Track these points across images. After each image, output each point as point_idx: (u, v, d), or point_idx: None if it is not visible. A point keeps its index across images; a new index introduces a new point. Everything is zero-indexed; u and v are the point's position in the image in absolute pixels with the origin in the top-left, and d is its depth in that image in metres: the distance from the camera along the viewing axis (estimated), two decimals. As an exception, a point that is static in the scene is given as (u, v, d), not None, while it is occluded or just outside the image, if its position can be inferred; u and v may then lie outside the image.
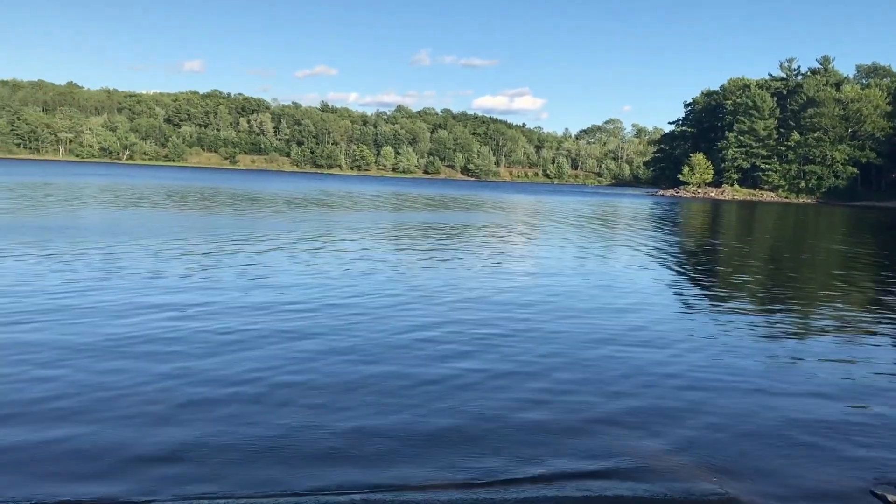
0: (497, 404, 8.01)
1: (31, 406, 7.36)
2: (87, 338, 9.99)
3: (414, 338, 10.82)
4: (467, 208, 54.18)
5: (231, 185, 76.79)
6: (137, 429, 6.88)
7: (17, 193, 44.11)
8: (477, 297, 14.64)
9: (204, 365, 9.00)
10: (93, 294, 13.02)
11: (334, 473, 6.14)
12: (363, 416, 7.44)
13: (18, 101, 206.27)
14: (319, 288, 14.82)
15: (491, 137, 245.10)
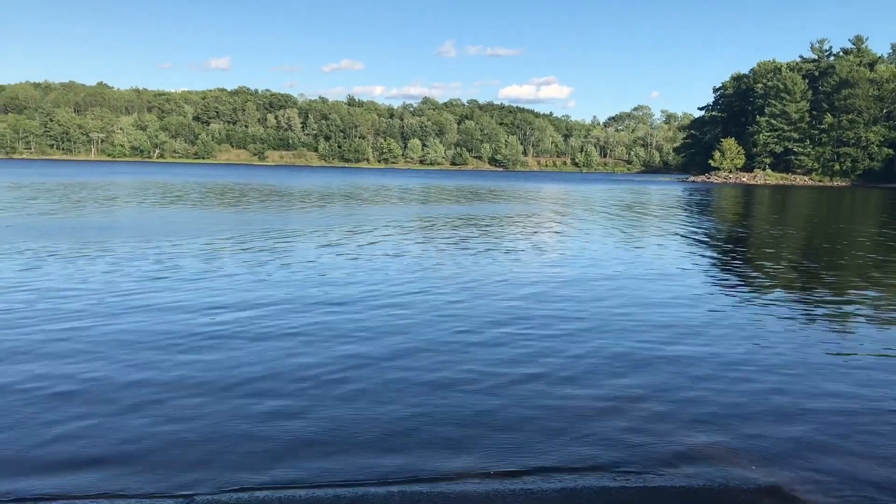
0: (545, 399, 7.96)
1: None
2: (165, 335, 10.12)
3: (467, 332, 10.70)
4: (497, 199, 54.04)
5: (264, 181, 77.34)
6: (191, 419, 6.96)
7: (58, 195, 44.80)
8: (517, 291, 14.43)
9: (258, 357, 9.09)
10: (162, 293, 13.20)
11: (374, 464, 6.15)
12: (411, 409, 7.44)
13: (50, 102, 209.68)
14: (371, 283, 14.78)
15: (518, 127, 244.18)
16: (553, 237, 25.56)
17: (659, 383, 8.41)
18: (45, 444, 6.41)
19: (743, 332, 11.07)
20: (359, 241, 22.42)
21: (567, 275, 16.47)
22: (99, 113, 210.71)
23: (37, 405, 7.32)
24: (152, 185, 62.52)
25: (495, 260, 18.68)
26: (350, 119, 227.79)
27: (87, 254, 18.07)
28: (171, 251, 18.82)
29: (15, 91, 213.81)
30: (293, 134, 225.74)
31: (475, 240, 23.58)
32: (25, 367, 8.56)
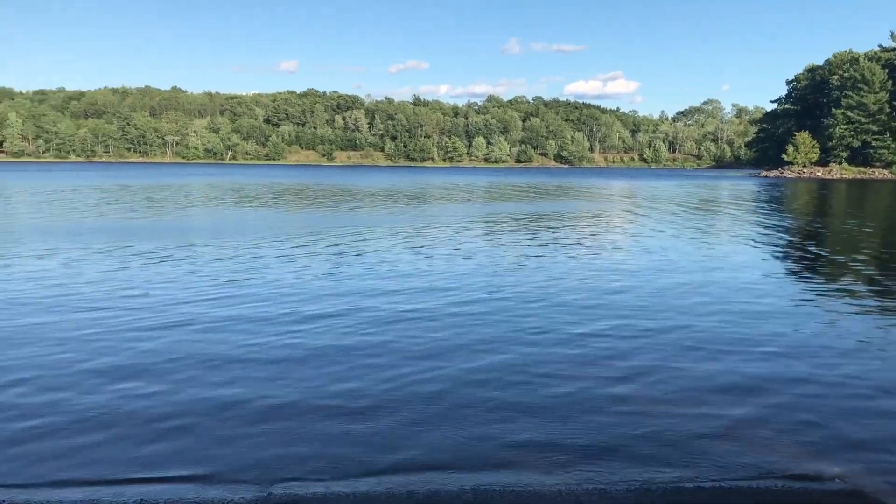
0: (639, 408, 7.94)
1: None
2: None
3: (545, 334, 10.65)
4: (564, 196, 53.63)
5: (334, 182, 78.43)
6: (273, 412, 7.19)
7: (141, 196, 46.32)
8: (595, 293, 14.24)
9: (339, 357, 9.30)
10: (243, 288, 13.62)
11: (448, 463, 6.24)
12: (487, 411, 7.50)
13: (127, 107, 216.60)
14: (446, 283, 14.87)
15: (584, 123, 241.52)
16: (626, 235, 25.14)
17: (775, 404, 7.65)
18: (131, 435, 6.70)
19: (850, 346, 10.10)
20: (430, 241, 22.55)
21: (643, 274, 16.06)
22: (173, 116, 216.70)
23: (130, 399, 7.67)
24: (228, 186, 64.07)
25: (568, 259, 18.44)
26: (415, 119, 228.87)
27: (183, 254, 18.70)
28: (252, 251, 19.30)
29: (94, 97, 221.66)
30: (360, 134, 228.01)
31: (544, 238, 23.46)
32: (111, 359, 8.97)
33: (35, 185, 60.91)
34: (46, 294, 13.15)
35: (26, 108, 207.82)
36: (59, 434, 6.71)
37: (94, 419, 7.08)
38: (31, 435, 6.69)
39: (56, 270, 15.82)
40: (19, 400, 7.60)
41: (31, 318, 11.21)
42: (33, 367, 8.73)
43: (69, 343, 9.78)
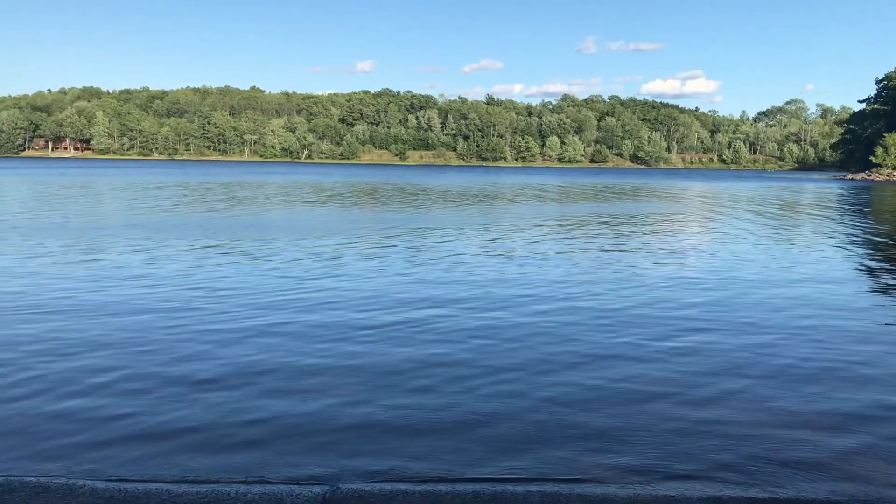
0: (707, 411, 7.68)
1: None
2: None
3: (633, 341, 10.47)
4: (641, 197, 52.73)
5: (410, 181, 79.02)
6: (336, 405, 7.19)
7: (224, 194, 47.54)
8: (671, 301, 13.90)
9: (411, 353, 9.31)
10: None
11: (513, 462, 6.11)
12: (556, 413, 7.36)
13: (208, 106, 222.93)
14: (525, 285, 14.85)
15: (661, 123, 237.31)
16: (708, 241, 24.08)
17: (878, 433, 6.97)
18: (205, 426, 6.78)
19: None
20: (505, 244, 22.43)
21: (728, 285, 15.14)
22: (252, 116, 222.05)
23: (206, 390, 7.78)
24: (307, 185, 65.22)
25: (648, 266, 17.73)
26: (488, 118, 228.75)
27: (264, 253, 19.08)
28: (331, 252, 19.56)
29: (177, 96, 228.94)
30: (433, 134, 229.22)
31: (622, 242, 22.99)
32: (190, 360, 9.13)
33: (126, 182, 63.21)
34: (140, 292, 13.54)
35: (112, 107, 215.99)
36: (138, 434, 6.84)
37: (171, 418, 7.19)
38: (114, 433, 6.83)
39: (157, 266, 16.30)
40: (99, 401, 7.77)
41: (111, 319, 11.53)
42: (114, 366, 8.94)
43: (152, 343, 10.01)
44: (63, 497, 5.28)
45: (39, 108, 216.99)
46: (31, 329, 10.24)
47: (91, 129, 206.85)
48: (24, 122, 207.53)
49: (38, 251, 18.18)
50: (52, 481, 5.56)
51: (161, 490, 5.44)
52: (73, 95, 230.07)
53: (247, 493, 5.40)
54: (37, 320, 10.76)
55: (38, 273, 14.96)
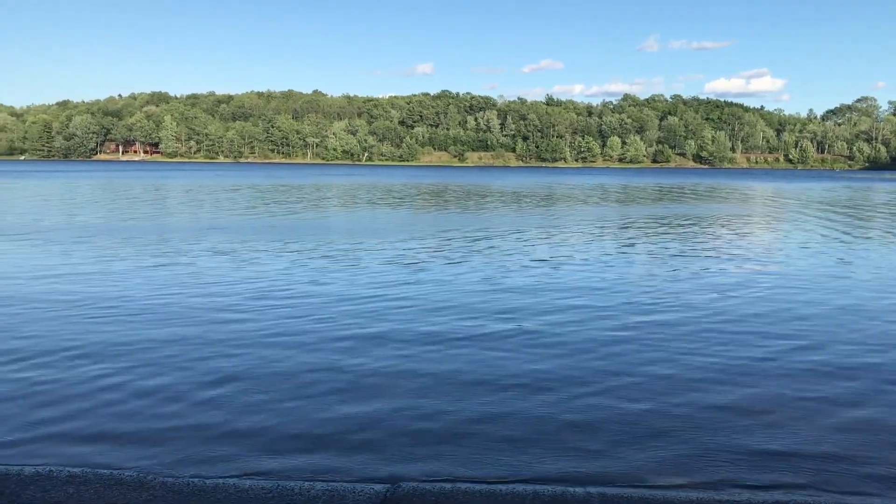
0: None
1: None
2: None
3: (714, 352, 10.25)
4: (705, 198, 51.77)
5: (475, 182, 79.13)
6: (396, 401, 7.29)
7: (296, 196, 48.37)
8: (736, 302, 13.63)
9: (475, 357, 9.40)
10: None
11: (575, 465, 6.09)
12: (622, 422, 7.32)
13: (272, 110, 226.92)
14: (590, 290, 14.80)
15: (725, 122, 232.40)
16: (780, 244, 23.00)
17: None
18: (263, 425, 6.94)
19: None
20: (565, 247, 22.30)
21: (807, 291, 14.32)
22: (314, 119, 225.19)
23: (278, 388, 7.97)
24: (374, 187, 65.91)
25: (717, 271, 16.97)
26: (548, 119, 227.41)
27: (335, 253, 19.41)
28: (411, 252, 19.82)
29: (242, 100, 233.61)
30: (492, 135, 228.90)
31: (690, 246, 22.48)
32: (274, 353, 9.34)
33: (199, 184, 64.84)
34: (217, 290, 13.91)
35: (180, 111, 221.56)
36: (208, 432, 7.04)
37: (239, 417, 7.38)
38: (187, 430, 7.04)
39: (245, 270, 16.72)
40: (171, 398, 8.02)
41: (185, 328, 11.85)
42: (185, 366, 9.21)
43: (226, 344, 10.27)
44: (134, 490, 5.47)
45: (111, 112, 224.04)
46: (114, 328, 10.64)
47: (159, 133, 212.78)
48: (96, 126, 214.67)
49: (142, 253, 18.85)
50: (123, 474, 5.76)
51: (228, 485, 5.58)
52: (142, 100, 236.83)
53: (310, 489, 5.51)
54: (135, 322, 11.18)
55: (131, 274, 15.53)
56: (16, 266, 16.60)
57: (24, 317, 11.29)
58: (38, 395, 7.70)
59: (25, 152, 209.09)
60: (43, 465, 5.90)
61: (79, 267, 16.35)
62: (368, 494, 5.40)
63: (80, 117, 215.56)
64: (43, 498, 5.28)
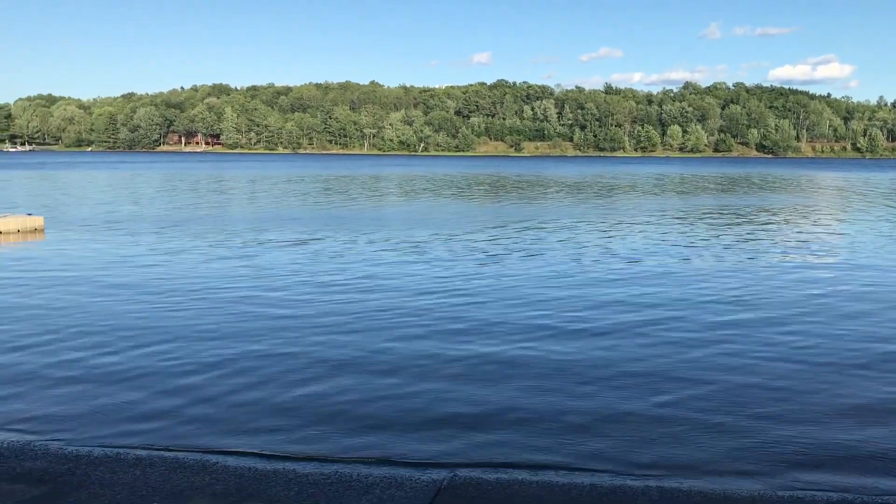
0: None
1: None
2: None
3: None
4: (771, 189, 50.59)
5: (525, 171, 78.75)
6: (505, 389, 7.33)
7: (361, 185, 48.95)
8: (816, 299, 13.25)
9: (541, 348, 9.44)
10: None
11: (634, 457, 6.04)
12: (688, 411, 7.26)
13: (329, 101, 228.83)
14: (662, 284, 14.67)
15: (790, 110, 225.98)
16: (854, 238, 22.03)
17: None
18: (341, 405, 7.05)
19: None
20: (628, 240, 22.06)
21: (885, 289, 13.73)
22: (371, 110, 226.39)
23: (352, 373, 8.10)
24: (432, 178, 66.18)
25: (782, 265, 16.52)
26: (606, 107, 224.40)
27: (419, 245, 19.61)
28: (485, 243, 19.99)
29: (300, 92, 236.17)
30: (549, 125, 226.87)
31: (757, 239, 21.97)
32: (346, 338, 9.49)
33: (264, 175, 66.01)
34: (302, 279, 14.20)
35: (240, 103, 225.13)
36: (273, 410, 7.18)
37: (306, 396, 7.52)
38: (253, 409, 7.20)
39: (330, 260, 17.17)
40: (244, 380, 8.20)
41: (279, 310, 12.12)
42: (259, 350, 9.41)
43: (303, 329, 10.47)
44: (197, 472, 5.60)
45: (173, 104, 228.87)
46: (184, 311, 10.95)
47: (220, 125, 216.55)
48: (159, 118, 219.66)
49: (242, 240, 19.38)
50: (188, 457, 5.92)
51: (288, 469, 5.69)
52: (203, 92, 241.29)
53: (368, 475, 5.58)
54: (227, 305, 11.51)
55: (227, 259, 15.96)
56: (120, 256, 17.26)
57: (131, 302, 11.72)
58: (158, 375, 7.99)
59: (92, 144, 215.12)
60: (111, 448, 6.09)
61: (180, 255, 17.11)
62: (426, 482, 5.44)
63: (144, 109, 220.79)
64: (111, 479, 5.45)
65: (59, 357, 8.76)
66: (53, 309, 11.33)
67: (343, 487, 5.34)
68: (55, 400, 7.32)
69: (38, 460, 5.80)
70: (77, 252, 17.73)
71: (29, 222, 22.07)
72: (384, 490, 5.30)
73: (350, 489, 5.30)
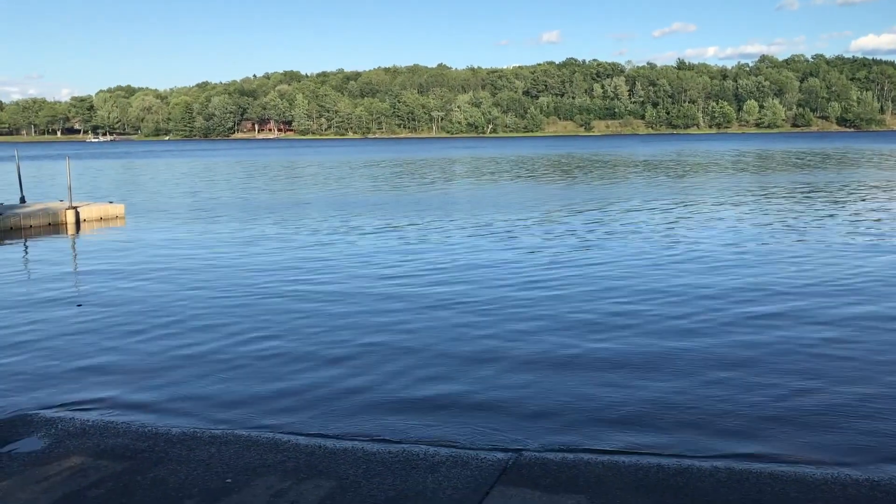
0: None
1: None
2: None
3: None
4: (853, 164, 48.74)
5: (595, 151, 77.78)
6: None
7: (438, 168, 49.26)
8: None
9: (614, 335, 9.36)
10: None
11: (702, 441, 5.98)
12: (772, 400, 7.17)
13: (398, 85, 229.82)
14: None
15: (874, 82, 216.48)
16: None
17: None
18: (403, 389, 7.18)
19: None
20: (745, 216, 21.64)
21: None
22: (439, 93, 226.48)
23: (403, 355, 8.25)
24: (505, 159, 66.05)
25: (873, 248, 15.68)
26: (679, 83, 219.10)
27: (509, 229, 19.74)
28: (575, 228, 20.00)
29: (369, 77, 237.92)
30: (619, 102, 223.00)
31: (840, 220, 21.21)
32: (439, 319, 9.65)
33: (338, 160, 67.02)
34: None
35: (311, 89, 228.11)
36: (344, 393, 7.36)
37: (378, 381, 7.68)
38: (323, 391, 7.38)
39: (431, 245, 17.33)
40: (317, 364, 8.41)
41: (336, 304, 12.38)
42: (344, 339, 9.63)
43: (374, 315, 10.67)
44: (270, 450, 5.78)
45: (246, 93, 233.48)
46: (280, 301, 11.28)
47: (292, 111, 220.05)
48: (233, 106, 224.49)
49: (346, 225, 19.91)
50: (261, 435, 6.11)
51: (356, 448, 5.81)
52: (275, 80, 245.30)
53: (435, 454, 5.66)
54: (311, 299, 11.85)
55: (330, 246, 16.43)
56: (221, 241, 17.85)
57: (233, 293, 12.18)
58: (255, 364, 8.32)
59: (170, 133, 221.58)
60: (188, 427, 6.33)
61: (265, 243, 17.60)
62: (491, 462, 5.49)
63: (218, 98, 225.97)
64: (188, 456, 5.67)
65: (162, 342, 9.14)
66: (145, 297, 11.77)
67: (409, 466, 5.43)
68: (173, 382, 7.66)
69: (119, 437, 6.08)
70: (157, 238, 18.39)
71: (110, 210, 22.94)
72: (450, 469, 5.38)
73: (416, 468, 5.39)
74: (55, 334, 9.40)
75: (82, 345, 8.93)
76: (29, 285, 12.77)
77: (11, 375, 7.83)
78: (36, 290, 12.21)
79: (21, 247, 17.62)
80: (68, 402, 7.03)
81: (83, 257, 16.02)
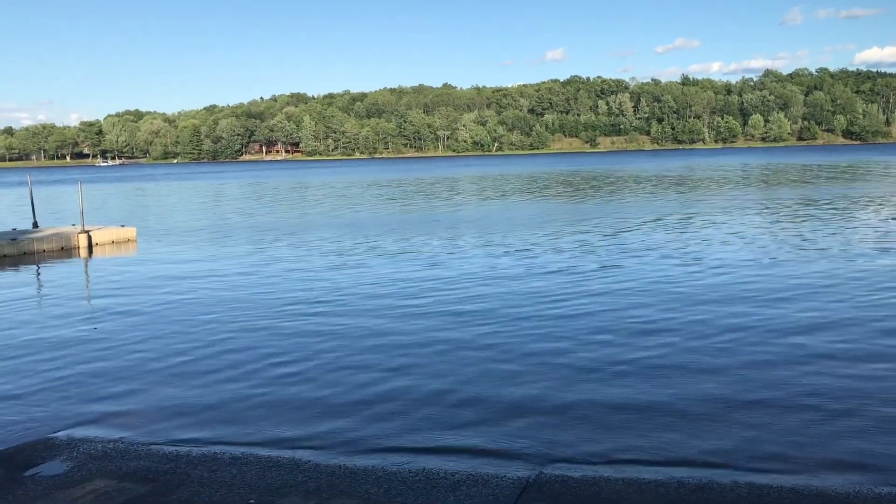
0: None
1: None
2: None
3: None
4: (861, 178, 48.67)
5: (601, 168, 77.81)
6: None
7: (443, 188, 49.37)
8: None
9: (637, 349, 9.46)
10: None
11: (722, 454, 5.98)
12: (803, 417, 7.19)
13: (404, 105, 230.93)
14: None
15: (878, 94, 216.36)
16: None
17: None
18: (422, 400, 7.21)
19: None
20: (761, 233, 21.64)
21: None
22: (444, 112, 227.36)
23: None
24: (514, 176, 66.15)
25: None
26: (683, 99, 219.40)
27: (527, 247, 19.77)
28: (591, 245, 20.07)
29: (375, 97, 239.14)
30: (624, 119, 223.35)
31: (848, 235, 21.07)
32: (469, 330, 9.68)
33: (347, 181, 67.27)
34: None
35: (318, 110, 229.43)
36: (359, 407, 7.40)
37: (392, 394, 7.74)
38: (342, 405, 7.42)
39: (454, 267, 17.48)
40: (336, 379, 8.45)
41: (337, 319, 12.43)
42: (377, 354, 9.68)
43: (394, 334, 10.72)
44: (291, 471, 5.82)
45: (253, 115, 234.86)
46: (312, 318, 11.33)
47: (299, 133, 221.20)
48: (240, 129, 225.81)
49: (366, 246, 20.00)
50: (281, 456, 6.15)
51: (376, 468, 5.85)
52: (282, 101, 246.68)
53: (455, 472, 5.68)
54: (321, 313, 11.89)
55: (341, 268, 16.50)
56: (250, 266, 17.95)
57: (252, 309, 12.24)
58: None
59: (178, 156, 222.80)
60: (208, 448, 6.37)
61: (280, 264, 17.76)
62: (512, 480, 5.51)
63: (225, 121, 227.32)
64: (210, 478, 5.71)
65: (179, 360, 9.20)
66: (160, 321, 11.85)
67: (430, 485, 5.46)
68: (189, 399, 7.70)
69: (141, 460, 6.12)
70: (171, 261, 18.50)
71: (122, 233, 23.09)
72: (470, 487, 5.40)
73: (437, 487, 5.42)
74: (72, 359, 9.47)
75: (100, 368, 9.01)
76: (43, 309, 12.88)
77: (31, 399, 7.90)
78: (51, 315, 12.31)
79: (34, 272, 17.74)
80: (88, 423, 7.09)
81: (96, 282, 16.13)
